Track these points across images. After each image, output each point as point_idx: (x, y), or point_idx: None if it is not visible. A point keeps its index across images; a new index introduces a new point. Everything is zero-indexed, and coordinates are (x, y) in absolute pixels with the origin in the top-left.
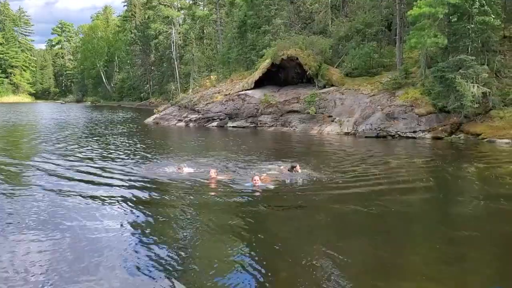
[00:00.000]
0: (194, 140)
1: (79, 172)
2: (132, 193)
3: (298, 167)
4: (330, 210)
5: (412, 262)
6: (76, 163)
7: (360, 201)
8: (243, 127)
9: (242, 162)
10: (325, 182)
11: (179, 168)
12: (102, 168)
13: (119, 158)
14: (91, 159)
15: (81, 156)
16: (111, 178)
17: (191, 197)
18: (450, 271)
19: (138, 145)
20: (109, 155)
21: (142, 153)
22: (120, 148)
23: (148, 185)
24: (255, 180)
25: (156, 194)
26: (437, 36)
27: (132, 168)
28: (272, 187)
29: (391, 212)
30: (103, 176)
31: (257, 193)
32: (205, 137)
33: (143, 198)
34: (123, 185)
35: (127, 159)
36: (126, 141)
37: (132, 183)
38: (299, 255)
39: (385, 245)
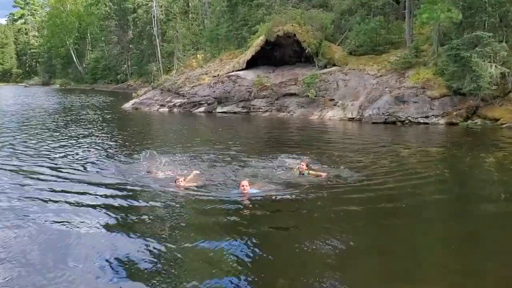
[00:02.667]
0: (177, 129)
1: (44, 171)
2: (95, 200)
3: (304, 165)
4: (334, 209)
5: (424, 267)
6: (40, 160)
7: (367, 196)
8: (234, 112)
9: (231, 158)
10: (329, 177)
11: (149, 172)
12: (69, 167)
13: (89, 153)
14: (55, 154)
15: (45, 151)
16: (77, 179)
17: (167, 207)
18: (466, 279)
19: (113, 136)
20: (77, 150)
21: (116, 146)
22: (92, 140)
23: (117, 190)
24: (243, 185)
25: (126, 200)
26: (451, 10)
27: (100, 168)
28: (265, 192)
29: (401, 209)
30: (69, 178)
31: (247, 201)
32: (191, 125)
33: (109, 205)
34: (87, 191)
35: (98, 155)
36: (100, 131)
37: (98, 187)
38: (299, 261)
39: (394, 247)
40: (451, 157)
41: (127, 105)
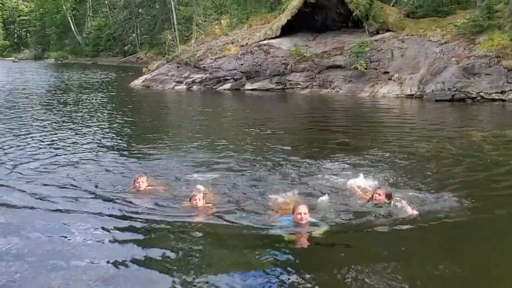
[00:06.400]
0: (196, 113)
1: (24, 175)
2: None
3: (382, 195)
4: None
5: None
6: (23, 159)
7: (431, 197)
8: (267, 89)
9: (267, 158)
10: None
11: (137, 182)
12: (52, 170)
13: (83, 148)
14: (41, 148)
15: (32, 146)
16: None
17: (177, 245)
18: None
19: (118, 124)
20: (70, 145)
21: (120, 139)
22: (90, 129)
23: (110, 209)
24: (300, 213)
25: (117, 223)
26: None
27: (93, 177)
28: (329, 225)
29: (474, 209)
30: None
31: (306, 238)
32: (213, 107)
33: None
34: (72, 216)
35: (95, 153)
36: (102, 116)
37: (87, 207)
38: None
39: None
40: None
41: (137, 83)
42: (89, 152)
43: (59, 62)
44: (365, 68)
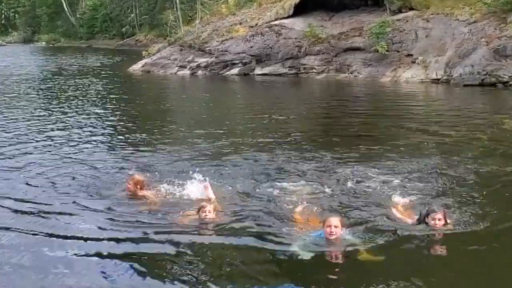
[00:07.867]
0: (201, 101)
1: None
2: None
3: (441, 217)
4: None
5: None
6: (11, 151)
7: (465, 198)
8: (279, 74)
9: (281, 156)
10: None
11: (129, 184)
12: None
13: (74, 140)
14: (30, 141)
15: (18, 136)
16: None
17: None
18: None
19: (114, 114)
20: (62, 135)
21: (117, 132)
22: (83, 119)
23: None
24: (330, 226)
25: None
26: None
27: (84, 183)
28: (363, 240)
29: (506, 206)
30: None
31: (337, 255)
32: (220, 94)
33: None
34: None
35: (87, 151)
36: (96, 105)
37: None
38: None
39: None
40: None
41: (136, 67)
42: (82, 144)
43: (51, 45)
44: (387, 51)
